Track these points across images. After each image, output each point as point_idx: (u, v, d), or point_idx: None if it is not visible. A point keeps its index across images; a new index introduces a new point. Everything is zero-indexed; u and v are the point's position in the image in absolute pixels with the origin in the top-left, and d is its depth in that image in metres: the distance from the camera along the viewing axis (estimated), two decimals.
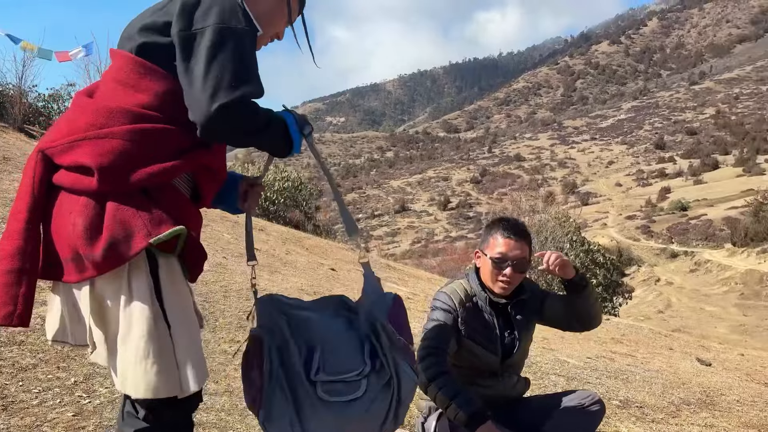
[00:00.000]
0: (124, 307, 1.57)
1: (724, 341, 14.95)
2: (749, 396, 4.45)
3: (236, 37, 1.60)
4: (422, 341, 2.61)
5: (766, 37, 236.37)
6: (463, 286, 2.71)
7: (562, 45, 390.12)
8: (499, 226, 2.60)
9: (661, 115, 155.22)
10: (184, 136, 1.65)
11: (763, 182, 77.05)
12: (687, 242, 61.21)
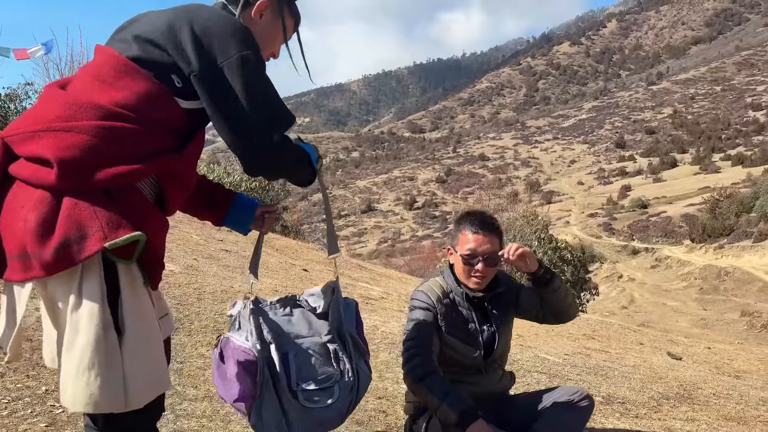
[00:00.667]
0: (71, 312, 1.46)
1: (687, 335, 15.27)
2: (724, 389, 4.52)
3: (261, 64, 1.65)
4: (406, 342, 2.56)
5: (720, 39, 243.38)
6: (439, 283, 2.68)
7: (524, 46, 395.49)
8: (467, 221, 2.56)
9: (620, 114, 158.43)
10: (156, 139, 1.57)
11: (718, 180, 79.25)
12: (647, 239, 62.54)
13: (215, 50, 1.59)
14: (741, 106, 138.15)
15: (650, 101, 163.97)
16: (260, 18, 1.80)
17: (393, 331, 4.69)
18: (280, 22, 1.83)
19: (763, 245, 39.54)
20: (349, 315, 2.12)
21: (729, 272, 34.54)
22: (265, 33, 1.80)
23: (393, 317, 5.68)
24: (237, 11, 1.77)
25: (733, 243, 43.98)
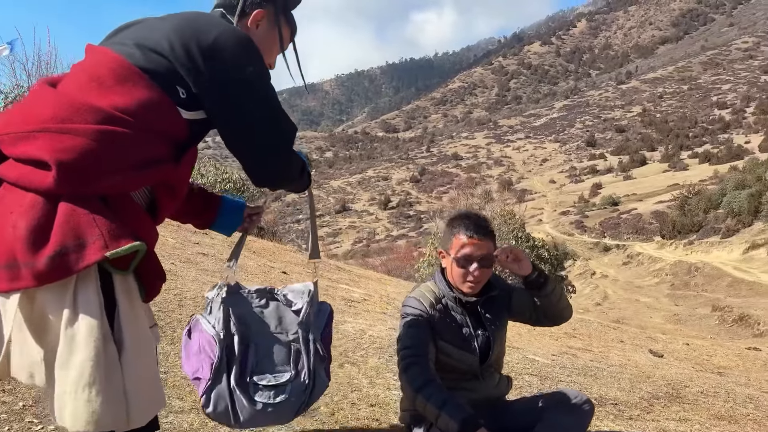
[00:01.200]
0: (66, 326, 1.37)
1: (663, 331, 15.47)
2: (710, 387, 4.54)
3: (269, 76, 1.69)
4: (402, 351, 2.49)
5: (686, 39, 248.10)
6: (430, 289, 2.62)
7: (495, 45, 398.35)
8: (461, 224, 2.47)
9: (591, 113, 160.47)
10: (155, 147, 1.51)
11: (687, 177, 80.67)
12: (619, 236, 63.32)
13: (228, 64, 1.58)
14: (707, 104, 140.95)
15: (620, 100, 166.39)
16: (257, 28, 1.80)
17: (380, 335, 4.62)
18: (277, 32, 1.83)
19: (731, 241, 40.34)
20: (319, 320, 2.16)
21: (699, 268, 35.14)
22: (261, 43, 1.77)
23: (378, 320, 5.61)
24: (234, 20, 1.75)
25: (702, 239, 44.80)
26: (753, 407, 4.05)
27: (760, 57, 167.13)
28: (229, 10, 1.78)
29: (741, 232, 41.38)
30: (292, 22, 1.90)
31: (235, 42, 1.60)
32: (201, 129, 1.67)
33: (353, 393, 3.34)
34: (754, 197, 42.56)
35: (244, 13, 1.77)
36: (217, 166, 20.22)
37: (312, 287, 2.20)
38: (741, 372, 6.29)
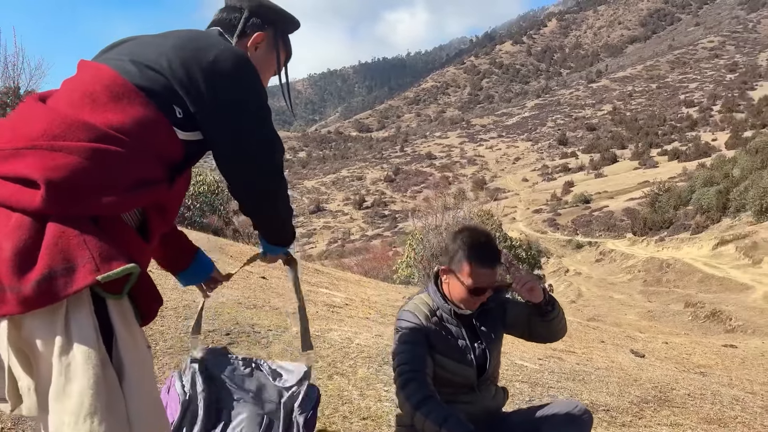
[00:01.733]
0: (60, 354, 1.28)
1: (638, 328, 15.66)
2: (696, 389, 4.57)
3: (266, 97, 1.65)
4: (398, 366, 2.42)
5: (654, 38, 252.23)
6: (424, 301, 2.56)
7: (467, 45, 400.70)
8: (477, 254, 2.38)
9: (562, 112, 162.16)
10: (149, 167, 1.45)
11: (657, 174, 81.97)
12: (591, 233, 64.02)
13: (228, 84, 1.55)
14: (675, 102, 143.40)
15: (590, 99, 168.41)
16: (255, 50, 1.79)
17: (368, 344, 4.55)
18: (275, 55, 1.83)
19: (701, 237, 41.06)
20: (306, 404, 2.26)
21: (670, 264, 35.68)
22: (258, 65, 1.75)
23: (363, 327, 5.54)
24: (233, 41, 1.73)
25: (672, 235, 45.52)
26: (740, 409, 4.08)
27: (725, 56, 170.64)
28: (227, 30, 1.76)
29: (710, 228, 42.15)
30: (288, 47, 1.89)
31: (235, 62, 1.57)
32: (196, 150, 1.63)
33: (344, 406, 3.27)
34: (722, 194, 43.39)
35: (244, 34, 1.77)
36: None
37: (307, 370, 2.29)
38: (722, 371, 6.36)
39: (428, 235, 14.54)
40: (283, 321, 4.95)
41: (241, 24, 1.75)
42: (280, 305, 5.90)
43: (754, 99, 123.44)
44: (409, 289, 13.06)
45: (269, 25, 1.80)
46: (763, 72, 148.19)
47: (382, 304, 8.39)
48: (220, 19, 1.78)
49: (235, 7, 1.78)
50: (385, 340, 4.82)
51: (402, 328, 2.47)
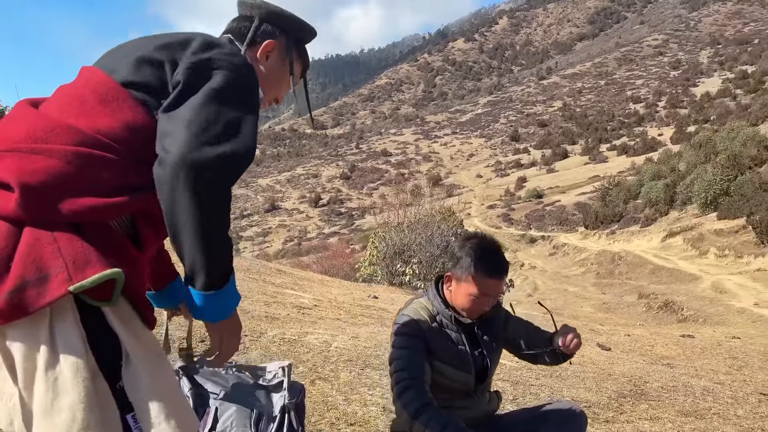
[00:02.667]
0: (47, 368, 1.20)
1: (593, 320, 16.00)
2: (667, 381, 4.67)
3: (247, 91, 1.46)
4: (396, 373, 2.37)
5: (602, 36, 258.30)
6: (423, 305, 2.51)
7: (420, 42, 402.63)
8: (485, 264, 2.34)
9: (514, 108, 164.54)
10: (137, 174, 1.35)
11: (606, 169, 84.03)
12: (544, 227, 65.16)
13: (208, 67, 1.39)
14: (622, 99, 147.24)
15: (541, 95, 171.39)
16: (266, 59, 1.68)
17: (346, 347, 4.49)
18: (288, 65, 1.70)
19: (650, 230, 42.28)
20: (294, 393, 2.43)
21: (622, 257, 36.61)
22: (270, 76, 1.68)
23: (338, 329, 5.48)
24: (243, 49, 1.62)
25: (623, 228, 46.76)
26: (712, 400, 4.19)
27: (668, 54, 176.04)
28: (237, 38, 1.66)
29: (659, 221, 43.43)
30: (304, 57, 1.78)
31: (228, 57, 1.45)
32: None
33: (330, 412, 3.22)
34: (669, 187, 44.76)
35: (254, 42, 1.66)
36: None
37: (287, 365, 2.46)
38: (684, 361, 6.54)
39: (390, 232, 14.54)
40: (257, 325, 4.86)
41: (251, 32, 1.65)
42: (252, 308, 5.79)
43: (696, 95, 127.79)
44: (373, 288, 13.04)
45: (281, 34, 1.69)
46: (704, 69, 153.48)
47: (349, 304, 8.33)
48: (231, 27, 1.69)
49: (246, 16, 1.69)
50: (362, 342, 4.77)
51: (400, 333, 2.42)
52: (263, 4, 1.67)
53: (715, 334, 11.25)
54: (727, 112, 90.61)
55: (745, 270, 23.76)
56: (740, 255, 26.18)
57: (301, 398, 2.57)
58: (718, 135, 47.35)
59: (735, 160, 36.22)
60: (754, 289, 19.87)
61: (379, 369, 4.01)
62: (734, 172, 35.16)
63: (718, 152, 41.52)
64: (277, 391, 2.65)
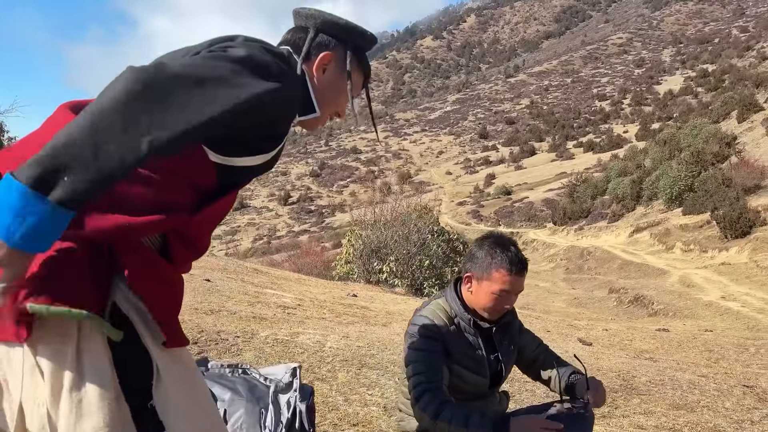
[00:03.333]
0: (71, 389, 1.18)
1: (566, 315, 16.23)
2: (654, 375, 4.76)
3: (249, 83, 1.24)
4: (414, 377, 2.35)
5: (568, 34, 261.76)
6: (441, 307, 2.51)
7: (389, 39, 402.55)
8: (505, 260, 2.35)
9: (482, 106, 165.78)
10: (169, 191, 1.29)
11: (573, 166, 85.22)
12: (513, 224, 65.78)
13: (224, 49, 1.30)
14: (588, 96, 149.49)
15: (509, 93, 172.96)
16: (323, 73, 1.57)
17: (339, 346, 4.47)
18: (346, 77, 1.59)
19: (617, 225, 42.99)
20: (305, 394, 2.56)
21: (591, 252, 37.15)
22: (327, 90, 1.58)
23: (327, 328, 5.45)
24: (299, 62, 1.52)
25: (591, 224, 47.46)
26: (699, 393, 4.28)
27: (633, 52, 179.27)
28: (295, 50, 1.55)
29: (626, 217, 44.20)
30: (365, 66, 1.67)
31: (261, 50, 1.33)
32: (233, 178, 1.40)
33: (331, 413, 3.20)
34: (636, 183, 45.60)
35: (309, 55, 1.55)
36: None
37: (296, 367, 2.63)
38: (664, 354, 6.67)
39: (367, 230, 14.53)
40: (247, 326, 4.81)
41: (306, 44, 1.55)
42: (237, 309, 5.73)
43: (660, 93, 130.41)
44: (350, 286, 13.01)
45: (338, 44, 1.59)
46: (666, 67, 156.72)
47: (331, 302, 8.30)
48: (287, 39, 1.60)
49: (301, 27, 1.60)
50: (353, 341, 4.76)
51: (417, 335, 2.41)
52: (318, 14, 1.58)
53: (687, 327, 11.51)
54: (689, 110, 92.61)
55: (710, 264, 24.34)
56: (705, 249, 26.80)
57: (312, 400, 2.58)
58: (682, 132, 48.39)
59: (698, 157, 37.04)
60: (720, 282, 20.38)
61: (375, 369, 4.00)
62: (698, 168, 35.95)
63: (682, 149, 42.46)
64: (284, 393, 2.66)
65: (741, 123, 47.14)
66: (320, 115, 1.59)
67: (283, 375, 2.62)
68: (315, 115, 1.57)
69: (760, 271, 20.33)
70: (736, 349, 7.40)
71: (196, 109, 1.15)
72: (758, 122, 43.93)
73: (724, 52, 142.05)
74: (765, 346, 7.68)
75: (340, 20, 1.59)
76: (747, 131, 44.38)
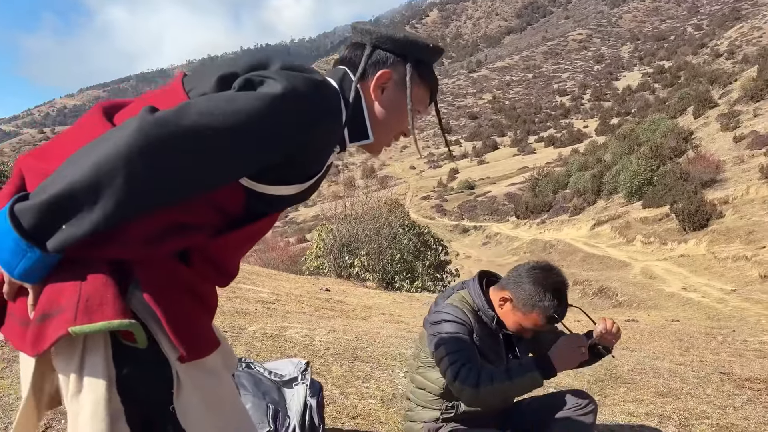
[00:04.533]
0: (71, 400, 1.17)
1: None
2: (635, 365, 4.87)
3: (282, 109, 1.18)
4: (447, 356, 2.33)
5: (529, 30, 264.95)
6: (464, 298, 2.54)
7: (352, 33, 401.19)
8: (550, 310, 2.36)
9: (445, 101, 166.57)
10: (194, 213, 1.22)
11: (535, 160, 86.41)
12: (476, 218, 66.37)
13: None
14: (549, 91, 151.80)
15: (471, 88, 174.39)
16: (381, 93, 1.45)
17: (328, 340, 4.46)
18: (408, 95, 1.45)
19: (579, 219, 43.79)
20: (314, 389, 2.62)
21: (553, 245, 37.77)
22: (388, 110, 1.46)
23: (311, 323, 5.42)
24: (354, 81, 1.42)
25: (553, 218, 48.26)
26: (680, 381, 4.40)
27: (592, 48, 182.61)
28: (352, 68, 1.45)
29: (587, 210, 45.06)
30: (430, 79, 1.52)
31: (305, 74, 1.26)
32: (263, 206, 1.32)
33: (329, 406, 3.19)
34: (596, 177, 46.50)
35: (366, 75, 1.43)
36: None
37: (306, 362, 2.71)
38: (638, 344, 6.84)
39: (338, 224, 14.50)
40: (233, 321, 4.76)
41: (363, 63, 1.43)
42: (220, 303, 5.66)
43: (619, 88, 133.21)
44: (320, 280, 12.95)
45: (398, 60, 1.45)
46: (625, 63, 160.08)
47: (307, 297, 8.26)
48: (345, 57, 1.48)
49: (358, 43, 1.48)
50: (341, 335, 4.75)
51: (447, 321, 2.42)
52: (374, 29, 1.47)
53: (654, 317, 11.79)
54: (647, 105, 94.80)
55: (670, 256, 24.98)
56: (665, 242, 27.49)
57: (321, 396, 2.58)
58: (641, 127, 49.52)
59: (657, 151, 37.94)
60: (680, 273, 20.94)
61: (368, 362, 4.00)
62: (657, 162, 36.83)
63: (641, 143, 43.45)
64: (289, 387, 2.65)
65: (697, 118, 48.47)
66: (373, 142, 1.48)
67: (291, 370, 2.61)
68: (367, 142, 1.47)
69: (718, 262, 20.96)
70: (705, 338, 7.63)
71: (207, 169, 1.14)
72: (713, 118, 45.25)
73: (679, 49, 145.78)
74: (731, 335, 7.93)
75: (397, 34, 1.46)
76: (703, 126, 45.66)
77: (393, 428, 3.01)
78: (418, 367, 2.58)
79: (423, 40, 1.47)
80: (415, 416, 2.61)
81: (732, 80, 53.82)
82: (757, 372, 4.98)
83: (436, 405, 2.54)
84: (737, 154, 35.01)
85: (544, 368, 2.23)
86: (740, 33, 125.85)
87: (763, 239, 20.64)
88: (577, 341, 2.31)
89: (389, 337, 4.89)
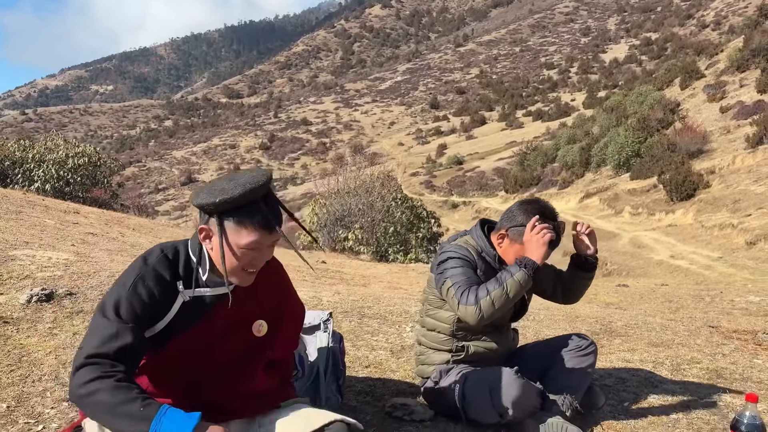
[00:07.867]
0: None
1: None
2: (629, 320, 5.07)
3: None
4: (452, 285, 2.49)
5: (515, 3, 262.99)
6: (467, 242, 2.69)
7: (336, 8, 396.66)
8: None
9: (433, 76, 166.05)
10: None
11: (523, 135, 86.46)
12: (465, 193, 66.38)
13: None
14: (537, 65, 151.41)
15: (458, 62, 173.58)
16: (209, 243, 1.85)
17: (336, 300, 4.63)
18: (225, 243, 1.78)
19: (567, 191, 44.10)
20: (336, 336, 2.84)
21: None
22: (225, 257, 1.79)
23: (316, 287, 5.58)
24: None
25: (541, 191, 48.50)
26: (672, 333, 4.60)
27: (579, 21, 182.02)
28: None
29: (575, 183, 45.35)
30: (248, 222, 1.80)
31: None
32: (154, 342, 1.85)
33: None
34: (585, 150, 46.72)
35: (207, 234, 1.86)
36: (66, 140, 18.54)
37: (329, 312, 2.88)
38: (628, 305, 7.06)
39: (331, 198, 14.61)
40: None
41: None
42: None
43: (606, 61, 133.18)
44: (313, 255, 13.08)
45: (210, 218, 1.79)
46: (612, 36, 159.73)
47: (305, 267, 8.40)
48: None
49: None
50: (347, 296, 4.92)
51: (452, 257, 2.58)
52: (193, 200, 1.80)
53: (642, 283, 12.06)
54: (634, 78, 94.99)
55: (658, 226, 25.34)
56: (653, 212, 27.85)
57: (342, 344, 2.72)
58: (628, 99, 49.70)
59: (644, 123, 38.19)
60: (668, 242, 21.30)
61: (375, 318, 4.18)
62: (644, 134, 37.09)
63: (629, 116, 43.66)
64: (309, 334, 2.77)
65: (684, 90, 48.64)
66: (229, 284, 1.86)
67: (313, 318, 2.75)
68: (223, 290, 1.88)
69: (705, 230, 21.33)
70: (693, 299, 7.87)
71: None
72: (700, 89, 45.43)
73: (666, 20, 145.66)
74: (718, 296, 8.17)
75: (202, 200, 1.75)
76: (689, 98, 45.87)
77: (404, 375, 3.18)
78: (428, 310, 2.74)
79: (224, 195, 1.72)
80: (427, 359, 2.78)
81: (718, 51, 53.93)
82: (744, 326, 5.20)
83: (447, 345, 2.70)
84: (723, 125, 35.30)
85: (525, 263, 2.39)
86: (726, 3, 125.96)
87: (748, 207, 21.00)
88: (529, 228, 2.46)
89: (392, 299, 5.06)
